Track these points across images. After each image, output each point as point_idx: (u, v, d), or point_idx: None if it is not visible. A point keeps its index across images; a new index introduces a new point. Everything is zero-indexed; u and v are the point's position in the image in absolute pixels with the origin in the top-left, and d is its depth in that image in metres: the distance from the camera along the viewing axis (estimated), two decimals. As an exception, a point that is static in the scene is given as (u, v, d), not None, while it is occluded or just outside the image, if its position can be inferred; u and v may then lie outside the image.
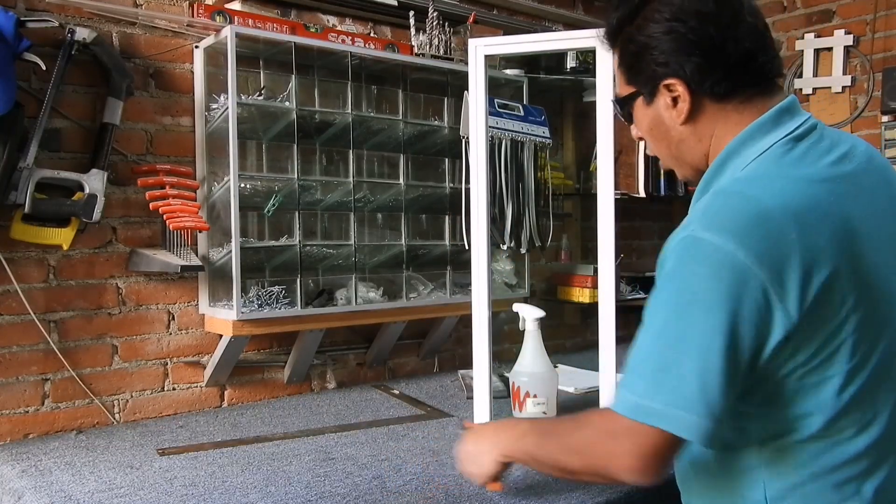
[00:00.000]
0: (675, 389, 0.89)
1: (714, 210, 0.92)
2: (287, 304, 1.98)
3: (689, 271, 0.90)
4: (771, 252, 0.88)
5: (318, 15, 2.25)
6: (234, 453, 1.62)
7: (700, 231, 0.90)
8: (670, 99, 1.02)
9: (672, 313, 0.91)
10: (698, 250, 0.90)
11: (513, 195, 2.30)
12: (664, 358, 0.91)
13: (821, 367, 0.93)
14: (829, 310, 0.90)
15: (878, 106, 2.94)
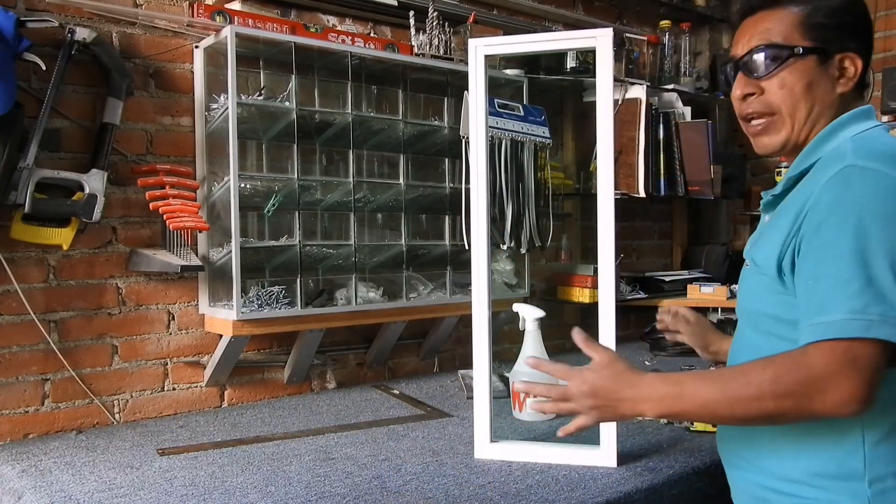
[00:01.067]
0: (882, 300, 0.93)
1: (867, 147, 1.03)
2: (287, 304, 1.98)
3: (857, 194, 0.97)
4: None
5: (318, 15, 2.25)
6: (234, 453, 1.62)
7: (860, 161, 1.00)
8: (838, 69, 1.12)
9: (850, 236, 0.96)
10: (869, 178, 0.98)
11: (513, 195, 2.30)
12: (860, 279, 0.94)
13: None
14: None
15: (878, 106, 2.94)
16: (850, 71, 1.13)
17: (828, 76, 1.13)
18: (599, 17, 2.99)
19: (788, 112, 1.14)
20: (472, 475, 1.46)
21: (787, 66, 1.12)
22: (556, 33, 2.10)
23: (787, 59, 1.12)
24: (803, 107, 1.13)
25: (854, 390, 0.94)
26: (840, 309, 0.95)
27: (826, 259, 0.98)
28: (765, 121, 1.16)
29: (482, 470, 1.49)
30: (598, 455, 1.51)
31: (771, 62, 1.13)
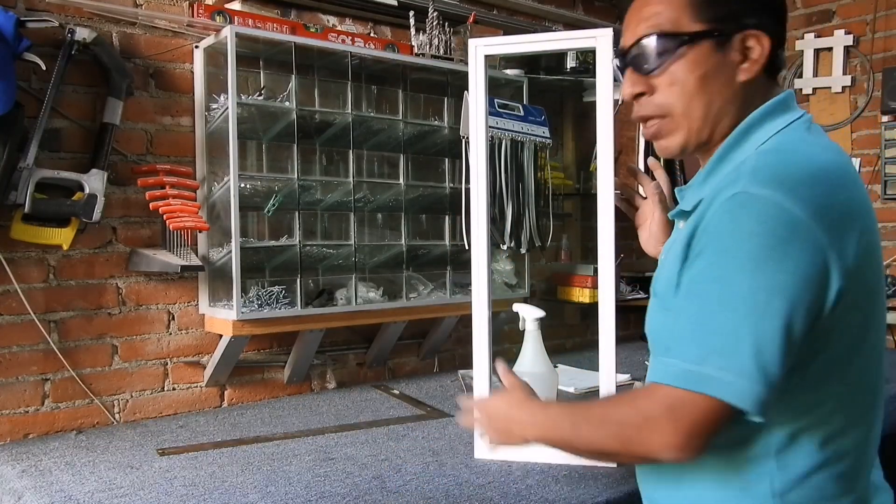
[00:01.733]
0: (728, 354, 0.83)
1: (767, 167, 0.87)
2: (287, 304, 1.98)
3: (741, 230, 0.84)
4: (829, 208, 0.85)
5: (318, 15, 2.25)
6: (234, 453, 1.62)
7: (752, 187, 0.85)
8: (741, 52, 0.94)
9: (721, 276, 0.85)
10: (751, 207, 0.84)
11: (513, 195, 2.30)
12: (715, 322, 0.84)
13: (856, 339, 0.90)
14: (869, 275, 0.89)
15: (878, 106, 2.94)
16: (755, 52, 0.94)
17: (727, 63, 0.94)
18: (599, 17, 2.99)
19: (682, 112, 0.97)
20: (472, 475, 1.46)
21: (678, 58, 0.94)
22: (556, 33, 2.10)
23: (676, 50, 0.94)
24: (698, 105, 0.96)
25: (669, 439, 0.86)
26: (680, 355, 0.86)
27: (690, 295, 0.89)
28: (657, 123, 0.99)
29: (482, 470, 1.49)
30: None
31: (659, 55, 0.95)
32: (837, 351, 0.90)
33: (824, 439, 0.92)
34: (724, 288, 0.84)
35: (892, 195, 2.93)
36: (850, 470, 0.94)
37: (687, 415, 0.85)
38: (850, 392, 0.92)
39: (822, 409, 0.91)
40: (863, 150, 3.05)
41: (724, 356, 0.83)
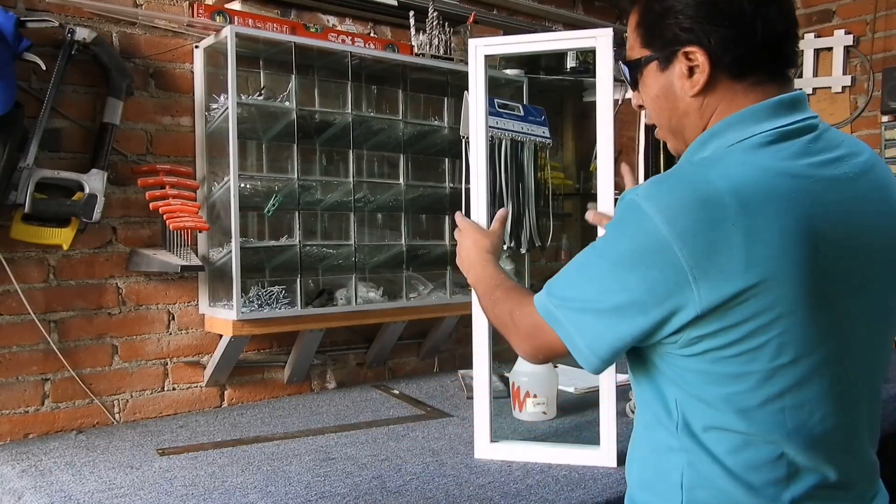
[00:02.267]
0: (576, 315, 0.97)
1: (664, 182, 0.91)
2: (287, 304, 1.98)
3: (619, 229, 0.94)
4: (702, 235, 0.86)
5: (318, 15, 2.25)
6: (234, 453, 1.62)
7: (641, 197, 0.91)
8: (686, 68, 0.97)
9: (594, 258, 0.98)
10: (631, 213, 0.91)
11: (513, 195, 2.30)
12: (579, 289, 0.98)
13: (738, 359, 0.90)
14: (751, 308, 0.87)
15: (878, 106, 2.94)
16: (695, 68, 0.96)
17: (675, 79, 0.98)
18: (599, 17, 2.99)
19: (659, 125, 1.06)
20: (472, 475, 1.46)
21: (643, 80, 1.04)
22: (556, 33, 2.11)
23: (635, 74, 1.04)
24: (662, 120, 1.04)
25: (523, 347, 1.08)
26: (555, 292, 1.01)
27: (585, 252, 1.00)
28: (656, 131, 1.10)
29: (482, 470, 1.49)
30: (598, 455, 1.51)
31: (630, 77, 1.07)
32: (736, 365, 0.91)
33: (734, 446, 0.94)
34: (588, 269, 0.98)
35: (892, 195, 2.93)
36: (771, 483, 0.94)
37: (539, 338, 1.04)
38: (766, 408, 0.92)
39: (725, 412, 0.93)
40: (863, 150, 3.05)
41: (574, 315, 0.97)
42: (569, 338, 0.98)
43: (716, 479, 0.95)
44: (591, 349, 0.96)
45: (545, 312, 1.01)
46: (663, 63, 0.99)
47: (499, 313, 1.15)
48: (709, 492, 0.95)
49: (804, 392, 0.92)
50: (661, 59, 0.99)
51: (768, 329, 0.88)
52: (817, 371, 0.92)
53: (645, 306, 0.91)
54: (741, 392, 0.92)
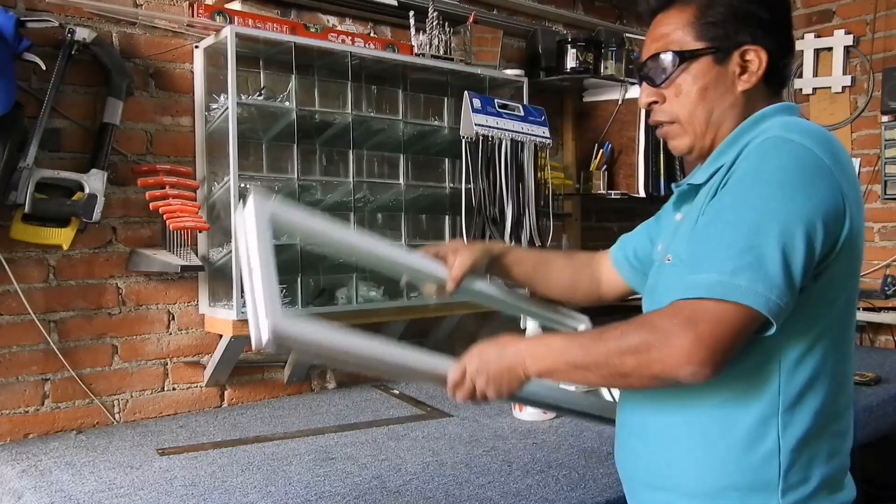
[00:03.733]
0: (758, 268, 0.91)
1: (794, 125, 1.00)
2: (287, 303, 1.98)
3: (775, 164, 0.96)
4: (844, 165, 0.99)
5: (318, 15, 2.25)
6: (234, 453, 1.62)
7: (787, 134, 0.98)
8: (739, 65, 1.06)
9: (753, 201, 0.95)
10: (785, 147, 0.97)
11: (513, 195, 2.30)
12: (747, 241, 0.92)
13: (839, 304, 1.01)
14: (862, 234, 1.02)
15: (878, 106, 2.94)
16: (754, 64, 1.06)
17: (727, 74, 1.07)
18: (599, 17, 2.99)
19: (687, 119, 1.10)
20: (472, 475, 1.46)
21: (682, 72, 1.08)
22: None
23: (680, 65, 1.08)
24: (701, 112, 1.09)
25: (690, 351, 0.90)
26: (711, 269, 0.93)
27: (720, 221, 0.97)
28: (667, 128, 1.13)
29: (482, 470, 1.49)
30: None
31: (666, 70, 1.09)
32: (835, 286, 1.00)
33: (824, 394, 1.00)
34: (755, 211, 0.94)
35: (892, 195, 2.93)
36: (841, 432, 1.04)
37: (709, 325, 0.91)
38: (839, 326, 1.03)
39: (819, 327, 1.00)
40: (863, 150, 3.05)
41: (755, 270, 0.91)
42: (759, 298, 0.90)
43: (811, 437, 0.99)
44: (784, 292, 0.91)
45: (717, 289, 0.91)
46: (721, 57, 1.06)
47: (625, 348, 0.96)
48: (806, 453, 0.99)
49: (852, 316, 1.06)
50: (719, 54, 1.06)
51: (857, 254, 1.03)
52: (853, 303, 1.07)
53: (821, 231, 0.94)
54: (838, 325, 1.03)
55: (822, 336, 1.00)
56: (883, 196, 2.96)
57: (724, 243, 0.94)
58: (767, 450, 0.98)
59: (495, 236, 2.27)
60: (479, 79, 2.38)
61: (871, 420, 1.92)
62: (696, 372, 0.91)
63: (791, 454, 0.98)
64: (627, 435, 1.15)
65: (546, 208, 2.44)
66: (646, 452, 1.10)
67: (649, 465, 1.09)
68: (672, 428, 1.06)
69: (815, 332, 0.99)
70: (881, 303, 2.76)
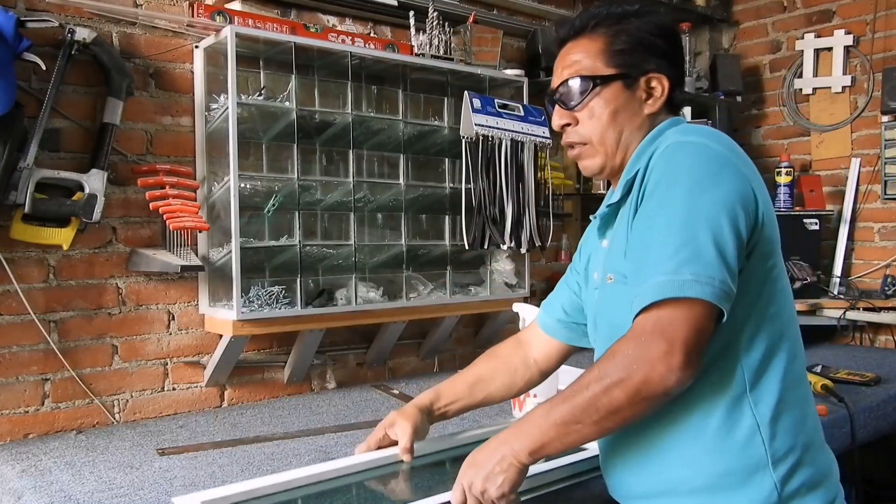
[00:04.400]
0: (697, 259, 0.96)
1: (688, 130, 1.11)
2: (287, 304, 1.98)
3: (683, 164, 1.03)
4: (740, 155, 1.08)
5: (318, 15, 2.25)
6: (234, 453, 1.62)
7: (684, 137, 1.07)
8: (645, 91, 1.17)
9: (674, 201, 1.01)
10: (687, 148, 1.05)
11: (513, 195, 2.30)
12: (679, 238, 0.98)
13: (774, 272, 1.08)
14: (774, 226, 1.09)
15: (878, 106, 2.94)
16: (658, 90, 1.16)
17: (635, 99, 1.16)
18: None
19: (599, 140, 1.17)
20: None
21: (595, 95, 1.16)
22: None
23: (593, 89, 1.16)
24: (611, 133, 1.16)
25: (668, 359, 0.94)
26: (656, 273, 0.97)
27: (650, 228, 1.02)
28: (579, 149, 1.20)
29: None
30: None
31: (580, 94, 1.17)
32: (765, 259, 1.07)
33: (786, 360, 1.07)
34: (678, 210, 1.00)
35: (892, 195, 2.93)
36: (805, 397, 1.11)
37: (676, 328, 0.95)
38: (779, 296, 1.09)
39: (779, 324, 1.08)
40: (863, 150, 3.05)
41: (695, 263, 0.96)
42: (705, 288, 0.94)
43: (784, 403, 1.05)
44: (725, 273, 0.96)
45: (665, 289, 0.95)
46: (630, 82, 1.16)
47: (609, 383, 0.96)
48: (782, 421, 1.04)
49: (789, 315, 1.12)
50: (628, 79, 1.16)
51: (774, 248, 1.09)
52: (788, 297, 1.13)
53: (741, 215, 1.01)
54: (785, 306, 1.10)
55: (766, 309, 1.06)
56: (883, 196, 2.96)
57: (660, 245, 0.99)
58: (747, 427, 1.03)
59: (495, 236, 2.27)
60: (479, 79, 2.38)
61: (870, 420, 1.92)
62: (681, 377, 0.94)
63: (769, 426, 1.03)
64: (612, 453, 1.16)
65: (546, 208, 2.44)
66: (634, 464, 1.11)
67: (640, 477, 1.11)
68: (653, 434, 1.08)
69: (759, 307, 1.06)
70: (881, 303, 2.76)
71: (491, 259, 2.45)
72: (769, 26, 3.33)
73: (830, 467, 1.12)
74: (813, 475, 1.05)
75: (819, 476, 1.07)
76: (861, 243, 3.06)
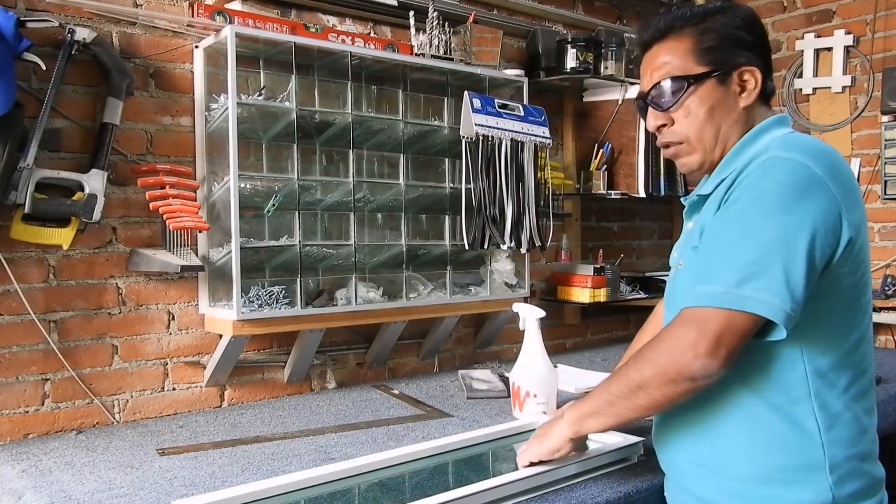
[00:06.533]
0: (762, 278, 1.00)
1: (792, 143, 1.10)
2: (287, 304, 1.98)
3: (771, 181, 1.05)
4: (839, 175, 1.07)
5: (318, 15, 2.25)
6: (234, 453, 1.62)
7: (784, 153, 1.08)
8: (738, 85, 1.18)
9: (755, 216, 1.04)
10: (783, 165, 1.06)
11: (513, 195, 2.30)
12: (750, 254, 1.02)
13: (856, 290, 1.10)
14: (864, 246, 1.10)
15: (878, 106, 2.94)
16: (751, 83, 1.18)
17: (730, 93, 1.18)
18: (599, 17, 2.99)
19: (696, 138, 1.20)
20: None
21: (689, 95, 1.18)
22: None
23: (687, 88, 1.18)
24: (709, 130, 1.19)
25: (697, 346, 1.01)
26: (719, 281, 1.03)
27: (726, 233, 1.07)
28: (676, 148, 1.23)
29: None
30: None
31: (673, 94, 1.19)
32: (846, 296, 1.09)
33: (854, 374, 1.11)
34: (757, 226, 1.03)
35: (892, 195, 2.93)
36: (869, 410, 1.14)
37: (714, 325, 1.01)
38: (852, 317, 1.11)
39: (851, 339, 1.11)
40: (863, 150, 3.05)
41: (758, 280, 1.00)
42: (764, 305, 1.00)
43: (844, 412, 1.09)
44: (788, 298, 0.99)
45: (722, 299, 1.01)
46: (723, 78, 1.18)
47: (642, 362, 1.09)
48: (840, 428, 1.08)
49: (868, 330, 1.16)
50: (720, 76, 1.18)
51: (862, 267, 1.10)
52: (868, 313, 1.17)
53: (821, 240, 1.02)
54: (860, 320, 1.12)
55: (843, 325, 1.10)
56: (883, 196, 2.96)
57: (729, 256, 1.03)
58: (809, 430, 1.07)
59: (495, 236, 2.27)
60: (479, 79, 2.38)
61: (871, 420, 1.92)
62: (705, 365, 1.01)
63: (830, 432, 1.07)
64: (664, 427, 1.23)
65: (546, 208, 2.44)
66: (690, 435, 1.17)
67: (693, 446, 1.17)
68: (706, 415, 1.14)
69: (835, 323, 1.09)
70: (881, 303, 2.76)
71: (491, 259, 2.45)
72: (769, 26, 3.33)
73: (881, 479, 1.16)
74: (865, 484, 1.11)
75: (872, 485, 1.12)
76: (861, 243, 3.06)
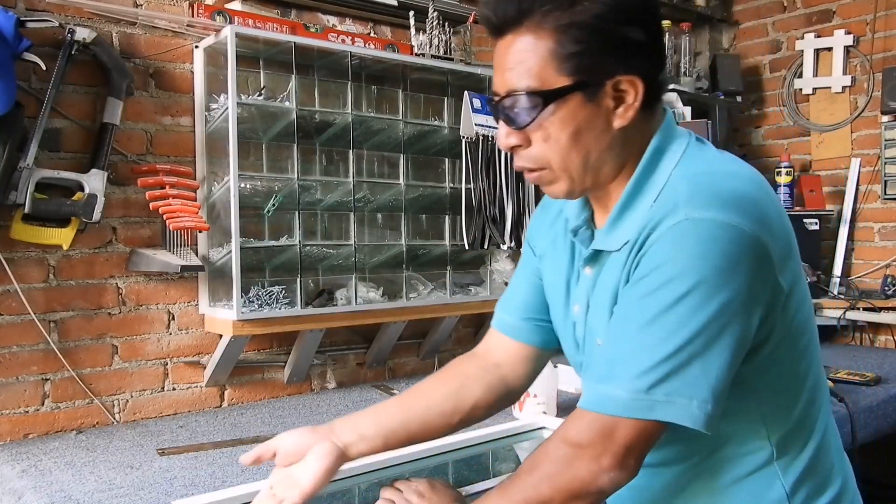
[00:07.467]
0: (675, 380, 0.82)
1: (702, 192, 0.86)
2: (287, 304, 1.98)
3: (690, 256, 0.83)
4: (767, 222, 0.86)
5: (318, 15, 2.25)
6: (234, 453, 1.62)
7: (694, 212, 0.84)
8: (614, 98, 0.90)
9: (668, 300, 0.83)
10: (697, 232, 0.83)
11: (513, 195, 2.30)
12: (662, 350, 0.83)
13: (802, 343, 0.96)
14: (801, 279, 0.94)
15: (878, 106, 2.94)
16: (630, 96, 0.90)
17: (601, 112, 0.90)
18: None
19: (560, 166, 0.93)
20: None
21: (548, 115, 0.90)
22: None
23: (546, 106, 0.89)
24: (575, 157, 0.92)
25: (603, 462, 0.85)
26: (626, 384, 0.84)
27: (633, 321, 0.86)
28: (538, 174, 0.96)
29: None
30: None
31: (528, 111, 0.90)
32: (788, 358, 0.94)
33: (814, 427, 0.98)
34: (671, 316, 0.83)
35: (892, 195, 2.93)
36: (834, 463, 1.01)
37: (622, 436, 0.84)
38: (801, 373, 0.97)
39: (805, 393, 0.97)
40: (863, 150, 3.05)
41: (671, 382, 0.82)
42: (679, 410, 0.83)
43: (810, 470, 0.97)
44: (712, 399, 0.83)
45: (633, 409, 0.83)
46: (592, 94, 0.89)
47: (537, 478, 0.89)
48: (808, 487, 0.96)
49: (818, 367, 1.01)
50: (589, 89, 0.89)
51: (803, 307, 0.94)
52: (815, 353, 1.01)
53: (754, 317, 0.85)
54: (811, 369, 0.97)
55: (795, 381, 0.96)
56: (883, 196, 2.96)
57: (637, 352, 0.84)
58: (775, 496, 0.95)
59: (495, 236, 2.27)
60: (479, 79, 2.38)
61: (870, 420, 1.92)
62: (614, 478, 0.86)
63: (794, 486, 0.95)
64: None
65: (546, 208, 2.44)
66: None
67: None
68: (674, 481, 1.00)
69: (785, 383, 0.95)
70: (881, 303, 2.76)
71: (491, 259, 2.45)
72: (769, 26, 3.33)
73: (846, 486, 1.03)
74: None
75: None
76: (861, 243, 3.06)
